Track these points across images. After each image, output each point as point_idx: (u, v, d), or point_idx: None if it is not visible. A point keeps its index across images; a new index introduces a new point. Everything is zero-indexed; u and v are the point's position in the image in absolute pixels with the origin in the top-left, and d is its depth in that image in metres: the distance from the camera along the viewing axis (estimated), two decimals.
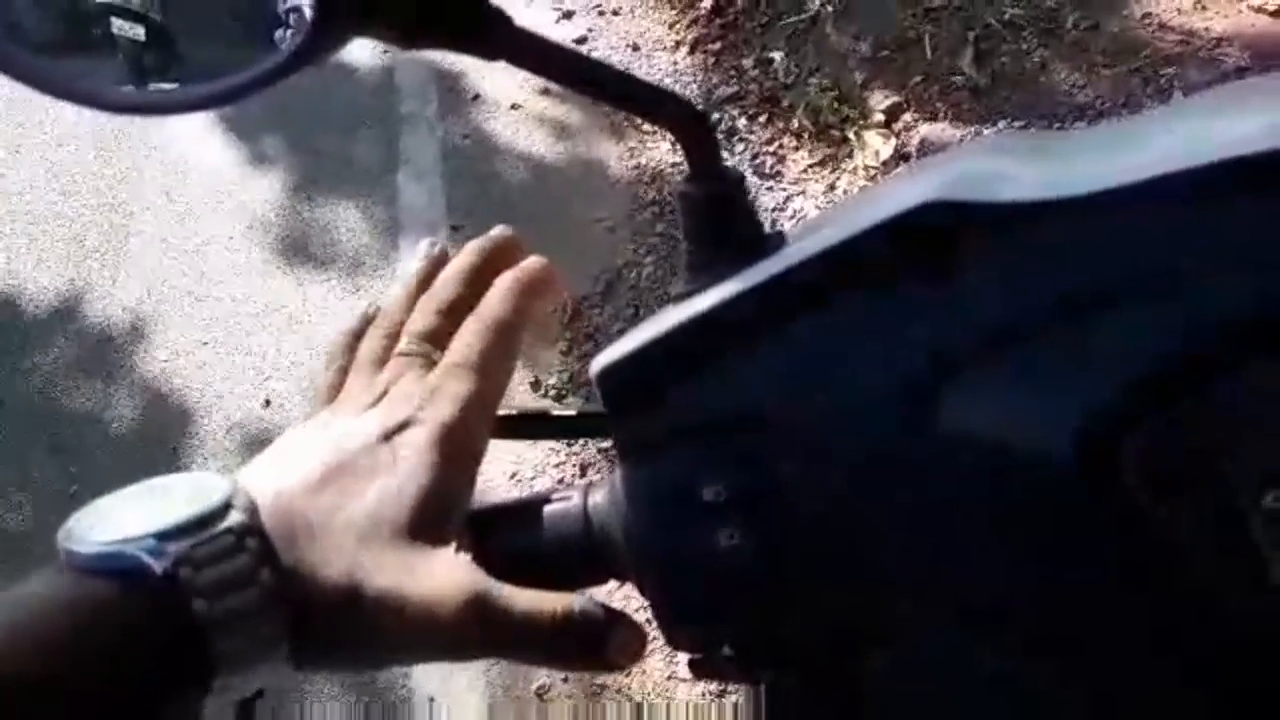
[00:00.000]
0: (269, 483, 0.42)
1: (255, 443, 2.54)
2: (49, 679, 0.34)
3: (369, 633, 0.40)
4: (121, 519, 0.38)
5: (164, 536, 0.37)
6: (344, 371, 0.49)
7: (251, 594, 0.38)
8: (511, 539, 0.46)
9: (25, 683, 0.34)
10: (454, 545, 0.42)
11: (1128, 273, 0.37)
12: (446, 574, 0.41)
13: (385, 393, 0.46)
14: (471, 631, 0.41)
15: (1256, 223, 0.35)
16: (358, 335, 0.49)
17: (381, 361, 0.48)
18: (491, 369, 0.46)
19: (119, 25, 0.65)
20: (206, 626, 0.37)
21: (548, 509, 0.47)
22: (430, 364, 0.46)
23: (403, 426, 0.44)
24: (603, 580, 0.47)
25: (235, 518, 0.39)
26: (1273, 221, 0.35)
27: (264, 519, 0.40)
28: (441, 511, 0.43)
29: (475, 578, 0.41)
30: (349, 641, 0.41)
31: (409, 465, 0.43)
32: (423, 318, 0.48)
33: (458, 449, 0.44)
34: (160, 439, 2.61)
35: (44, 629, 0.35)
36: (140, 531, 0.37)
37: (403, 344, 0.48)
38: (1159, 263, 0.36)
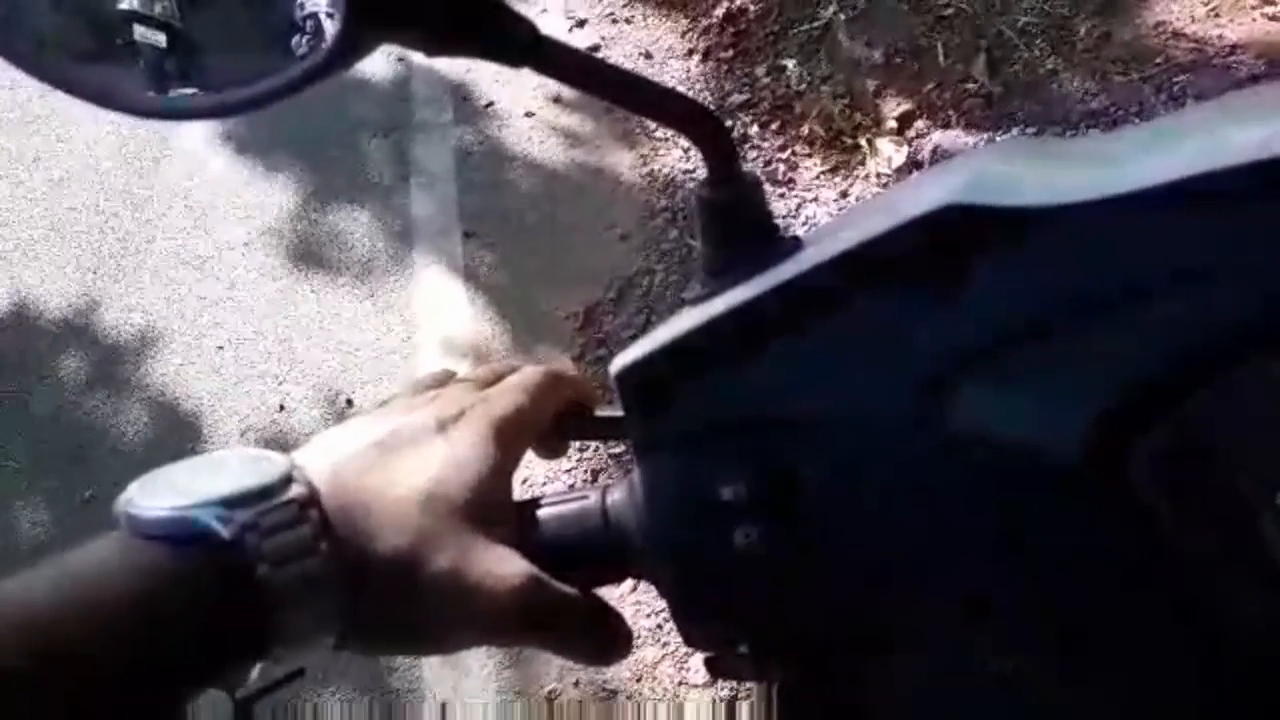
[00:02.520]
0: (324, 460, 0.43)
1: (270, 446, 2.54)
2: (115, 640, 0.35)
3: (422, 610, 0.41)
4: (183, 487, 0.38)
5: (230, 503, 0.38)
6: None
7: (313, 564, 0.38)
8: (530, 537, 0.46)
9: (91, 643, 0.34)
10: (508, 533, 0.44)
11: (1138, 275, 0.37)
12: (504, 560, 0.42)
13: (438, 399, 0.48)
14: (521, 619, 0.42)
15: (1263, 226, 0.36)
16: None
17: (434, 389, 0.50)
18: (539, 399, 0.48)
19: (141, 33, 0.66)
20: (269, 594, 0.37)
21: (566, 507, 0.47)
22: (483, 390, 0.49)
23: (456, 418, 0.45)
24: (620, 578, 0.47)
25: (296, 490, 0.39)
26: (1273, 225, 0.36)
27: (321, 493, 0.41)
28: (494, 497, 0.44)
29: (529, 568, 0.42)
30: (400, 619, 0.42)
31: (463, 450, 0.44)
32: (480, 372, 0.51)
33: (507, 442, 0.45)
34: (175, 443, 2.62)
35: (109, 591, 0.35)
36: (205, 498, 0.38)
37: (460, 375, 0.51)
38: (1169, 265, 0.37)
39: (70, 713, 0.33)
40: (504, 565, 0.42)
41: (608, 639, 0.45)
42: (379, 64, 3.34)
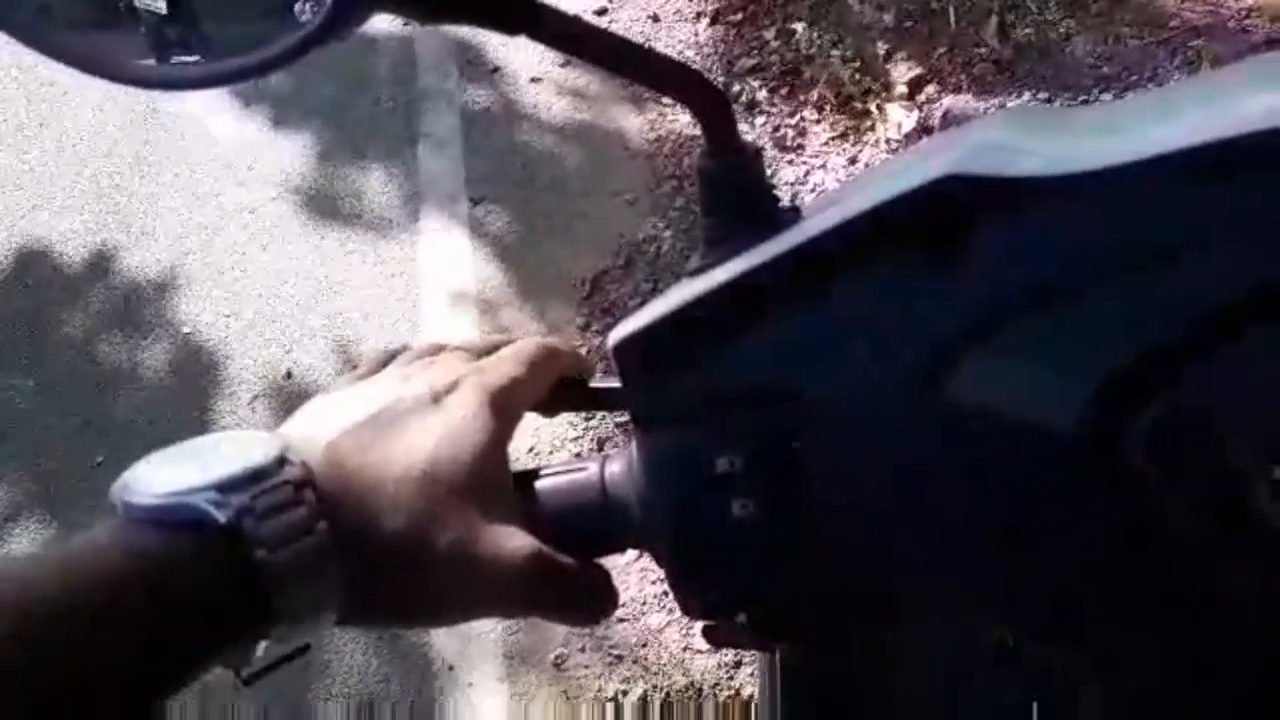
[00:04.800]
0: (318, 437, 0.42)
1: (278, 414, 2.56)
2: (114, 627, 0.35)
3: (426, 587, 0.41)
4: (178, 473, 0.38)
5: (225, 488, 0.38)
6: (380, 366, 0.50)
7: (311, 544, 0.38)
8: (530, 508, 0.46)
9: (93, 629, 0.34)
10: (508, 506, 0.44)
11: (1140, 245, 0.37)
12: (508, 536, 0.42)
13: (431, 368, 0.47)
14: (526, 593, 0.42)
15: (1268, 194, 0.36)
16: (389, 358, 0.51)
17: (426, 357, 0.49)
18: (535, 369, 0.48)
19: None
20: (268, 576, 0.37)
21: (565, 479, 0.47)
22: (478, 360, 0.48)
23: (451, 388, 0.45)
24: (619, 549, 0.47)
25: (291, 471, 0.39)
26: (1274, 196, 0.36)
27: (317, 472, 0.40)
28: (493, 469, 0.44)
29: (534, 542, 0.43)
30: (404, 595, 0.42)
31: (459, 422, 0.44)
32: (475, 340, 0.51)
33: (502, 412, 0.45)
34: (183, 410, 2.63)
35: (108, 578, 0.35)
36: (201, 483, 0.38)
37: (453, 345, 0.50)
38: (1172, 235, 0.37)
39: (68, 701, 0.33)
40: (509, 541, 0.42)
41: (604, 604, 0.45)
42: (384, 30, 3.32)
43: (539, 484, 0.48)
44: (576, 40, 0.42)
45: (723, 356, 0.43)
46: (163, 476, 0.38)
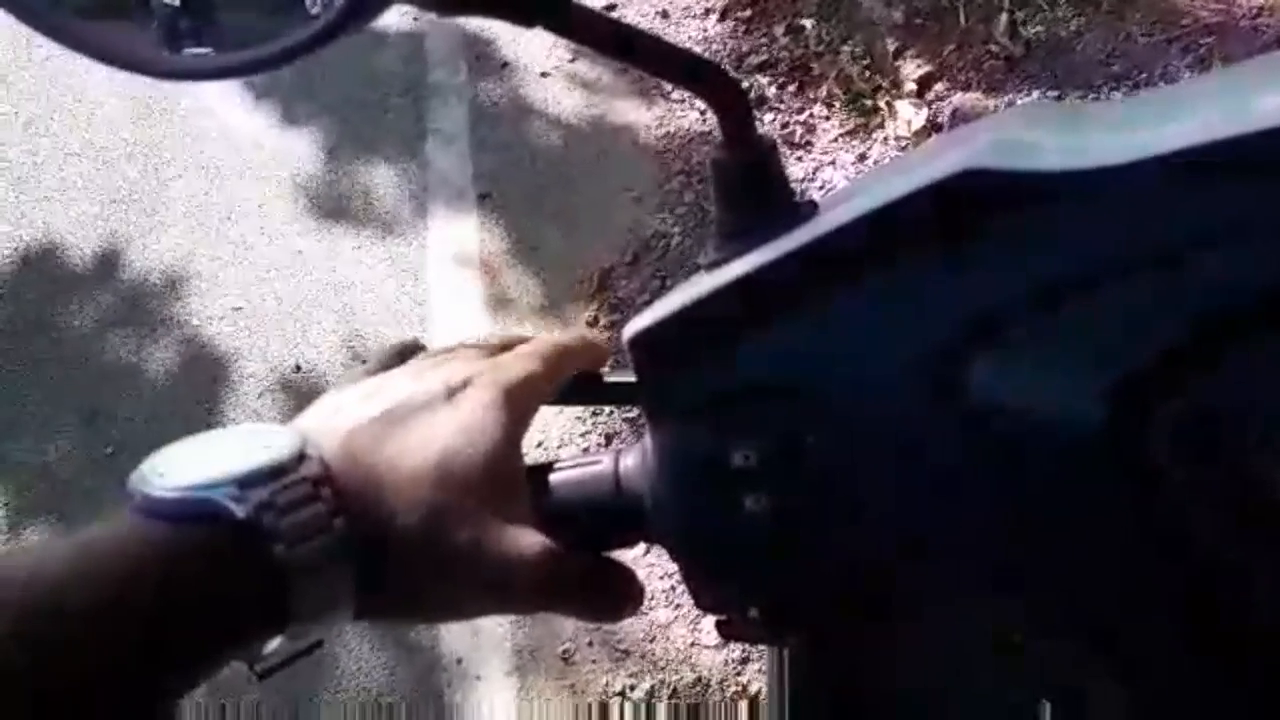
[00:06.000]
0: (334, 432, 0.42)
1: (287, 408, 2.56)
2: (120, 623, 0.35)
3: (440, 584, 0.41)
4: (196, 466, 0.38)
5: (245, 483, 0.38)
6: (389, 366, 0.50)
7: (327, 541, 0.38)
8: (544, 502, 0.46)
9: (95, 628, 0.34)
10: (521, 501, 0.44)
11: (1158, 241, 0.37)
12: (521, 534, 0.42)
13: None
14: (538, 591, 0.42)
15: (1276, 193, 0.35)
16: (402, 351, 0.51)
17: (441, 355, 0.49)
18: (552, 366, 0.48)
19: None
20: (286, 572, 0.37)
21: (579, 472, 0.47)
22: (494, 356, 0.48)
23: (465, 384, 0.45)
24: (633, 542, 0.47)
25: (310, 467, 0.39)
26: None
27: (334, 469, 0.40)
28: (506, 465, 0.44)
29: (545, 540, 0.42)
30: (417, 592, 0.42)
31: (472, 419, 0.44)
32: (493, 337, 0.51)
33: (517, 409, 0.45)
34: (192, 403, 2.63)
35: (120, 570, 0.35)
36: (220, 477, 0.38)
37: (467, 342, 0.50)
38: (1189, 231, 0.36)
39: (69, 701, 0.33)
40: (521, 539, 0.42)
41: (619, 600, 0.45)
42: (393, 26, 3.32)
43: (553, 478, 0.48)
44: (593, 31, 0.42)
45: (738, 351, 0.43)
46: (181, 469, 0.38)
